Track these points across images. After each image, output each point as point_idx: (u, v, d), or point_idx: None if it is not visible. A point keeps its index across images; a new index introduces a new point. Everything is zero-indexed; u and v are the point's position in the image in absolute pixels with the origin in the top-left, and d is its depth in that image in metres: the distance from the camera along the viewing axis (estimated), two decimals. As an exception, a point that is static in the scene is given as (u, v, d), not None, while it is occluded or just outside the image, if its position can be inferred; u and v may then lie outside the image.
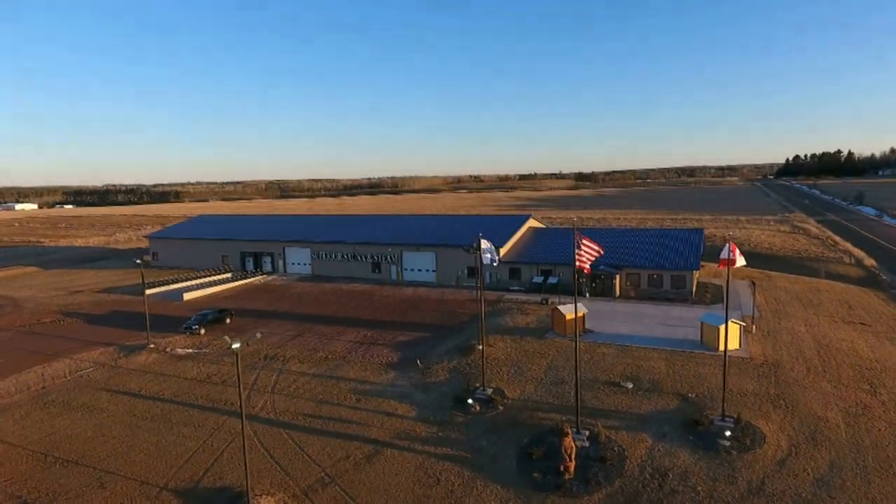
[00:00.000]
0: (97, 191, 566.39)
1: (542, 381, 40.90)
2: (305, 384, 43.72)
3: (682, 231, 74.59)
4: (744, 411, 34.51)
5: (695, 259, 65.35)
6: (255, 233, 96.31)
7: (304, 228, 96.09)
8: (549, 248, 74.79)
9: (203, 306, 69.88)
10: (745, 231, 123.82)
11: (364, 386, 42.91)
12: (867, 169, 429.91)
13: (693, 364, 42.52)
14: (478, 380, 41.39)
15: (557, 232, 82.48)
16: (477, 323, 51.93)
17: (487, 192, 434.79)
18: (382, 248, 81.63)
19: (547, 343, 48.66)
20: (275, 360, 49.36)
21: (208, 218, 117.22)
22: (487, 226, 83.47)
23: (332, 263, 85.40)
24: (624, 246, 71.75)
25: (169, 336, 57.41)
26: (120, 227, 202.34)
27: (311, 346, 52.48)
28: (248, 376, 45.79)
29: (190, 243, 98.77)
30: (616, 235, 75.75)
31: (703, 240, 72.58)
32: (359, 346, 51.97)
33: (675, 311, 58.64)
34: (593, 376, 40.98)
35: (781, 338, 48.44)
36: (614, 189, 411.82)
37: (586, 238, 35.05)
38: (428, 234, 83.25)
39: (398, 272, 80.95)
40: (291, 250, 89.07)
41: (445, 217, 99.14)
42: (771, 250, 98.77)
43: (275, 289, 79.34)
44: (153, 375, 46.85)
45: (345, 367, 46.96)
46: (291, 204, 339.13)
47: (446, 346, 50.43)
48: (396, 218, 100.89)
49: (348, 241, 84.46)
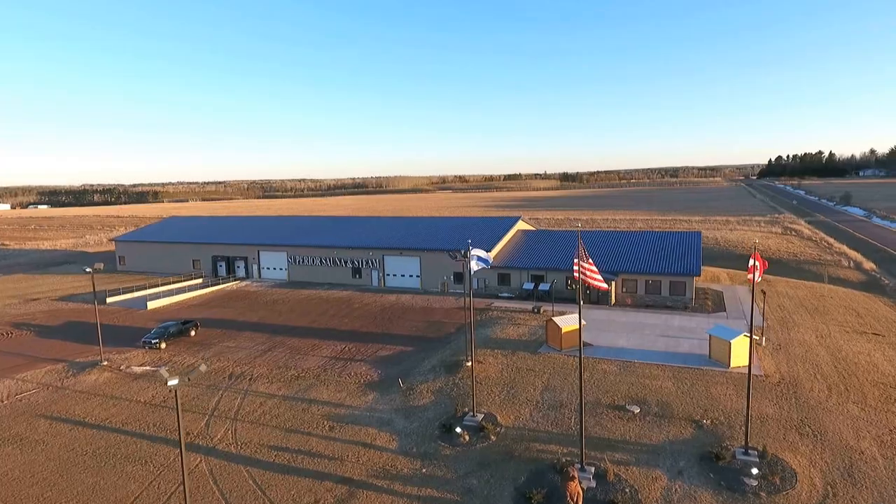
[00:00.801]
0: (73, 191, 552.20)
1: (539, 405, 36.63)
2: (273, 408, 39.00)
3: (680, 234, 70.90)
4: (767, 441, 30.56)
5: (695, 264, 61.63)
6: (227, 236, 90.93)
7: (280, 231, 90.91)
8: (539, 253, 70.66)
9: (168, 316, 64.74)
10: (737, 233, 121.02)
11: (339, 410, 38.29)
12: (848, 169, 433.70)
13: (703, 383, 38.55)
14: (466, 403, 37.05)
15: (548, 235, 78.36)
16: (464, 334, 47.67)
17: (473, 193, 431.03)
18: (363, 252, 76.91)
19: (542, 359, 44.43)
20: (241, 380, 44.50)
21: (180, 220, 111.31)
22: (474, 228, 79.17)
23: (310, 269, 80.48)
24: (619, 250, 67.89)
25: (126, 351, 52.22)
26: (91, 229, 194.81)
27: (282, 363, 47.68)
28: (210, 399, 40.95)
29: (159, 247, 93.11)
30: (610, 239, 71.87)
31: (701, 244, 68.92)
32: (335, 363, 47.31)
33: (676, 320, 54.80)
34: (595, 398, 36.82)
35: (794, 351, 44.74)
36: (600, 189, 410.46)
37: (590, 261, 30.94)
38: (411, 237, 78.71)
39: (380, 278, 76.30)
40: (266, 254, 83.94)
41: (430, 219, 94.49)
42: (766, 253, 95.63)
43: (247, 296, 74.23)
44: (102, 399, 41.73)
45: (319, 387, 42.29)
46: (273, 204, 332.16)
47: (431, 361, 45.97)
48: (378, 220, 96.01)
49: (326, 245, 79.56)
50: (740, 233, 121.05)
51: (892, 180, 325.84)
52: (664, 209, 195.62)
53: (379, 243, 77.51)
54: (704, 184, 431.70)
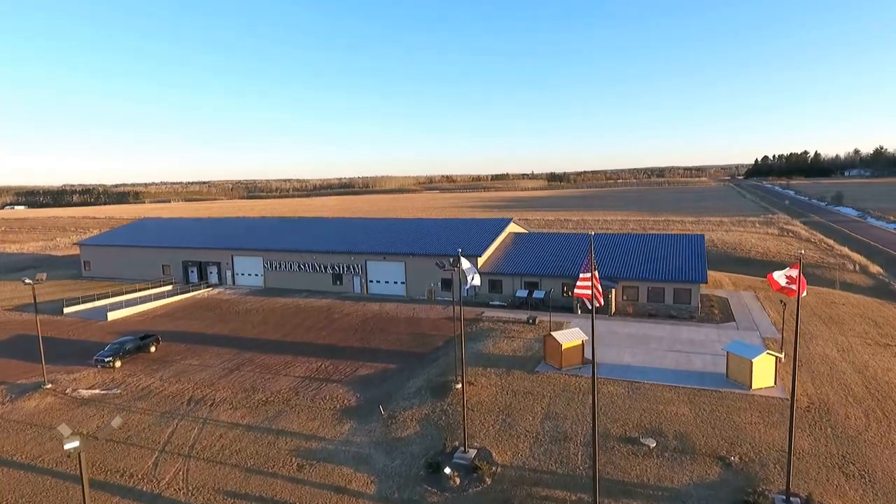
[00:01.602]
0: (51, 191, 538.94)
1: (540, 438, 31.91)
2: (235, 441, 33.93)
3: (682, 237, 66.60)
4: (809, 484, 26.13)
5: (700, 270, 57.35)
6: (199, 239, 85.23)
7: (256, 234, 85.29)
8: (533, 257, 66.05)
9: (131, 327, 59.32)
10: (733, 234, 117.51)
11: (311, 444, 33.31)
12: (834, 170, 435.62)
13: (724, 409, 34.09)
14: (457, 434, 32.29)
15: (542, 238, 73.69)
16: (453, 349, 42.98)
17: (460, 193, 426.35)
18: (344, 256, 71.79)
19: (540, 379, 39.73)
20: (201, 405, 39.33)
21: (150, 222, 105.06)
22: (463, 231, 74.42)
23: (287, 275, 75.20)
24: (618, 255, 63.49)
25: (76, 370, 46.78)
26: (64, 231, 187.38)
27: (249, 384, 42.53)
28: (163, 430, 35.79)
29: (126, 251, 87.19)
30: (608, 243, 67.45)
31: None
32: (309, 384, 42.26)
33: (684, 332, 50.42)
34: (604, 428, 32.17)
35: (817, 368, 40.51)
36: (588, 189, 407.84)
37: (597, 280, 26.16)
38: (396, 241, 73.71)
39: (362, 284, 71.25)
40: (241, 259, 78.50)
41: (416, 221, 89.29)
42: (766, 256, 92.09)
43: (219, 305, 68.79)
44: (38, 431, 36.37)
45: (288, 414, 37.26)
46: (256, 205, 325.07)
47: (417, 382, 41.11)
48: (361, 222, 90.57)
49: (305, 249, 74.28)
50: (736, 234, 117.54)
51: (878, 180, 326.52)
52: (655, 209, 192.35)
53: (361, 247, 72.44)
54: (692, 184, 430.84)
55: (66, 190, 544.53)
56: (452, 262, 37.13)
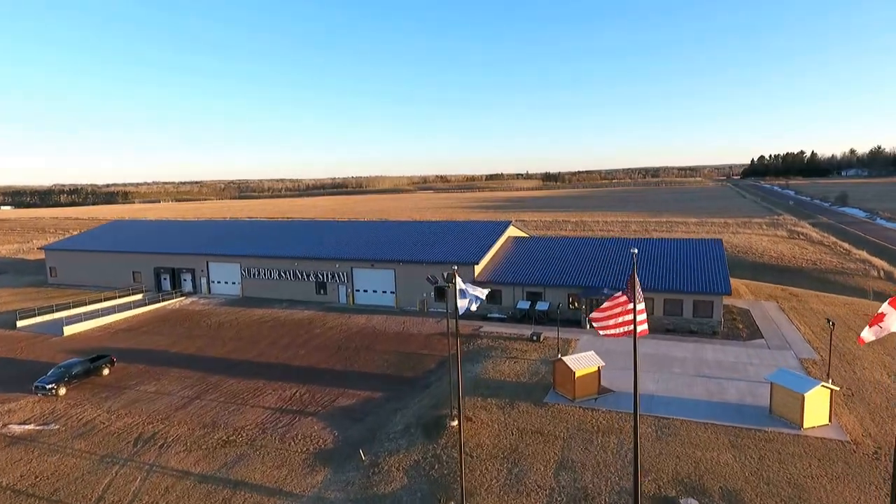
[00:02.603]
0: (39, 191, 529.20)
1: (555, 496, 26.00)
2: (182, 497, 27.85)
3: (699, 242, 60.93)
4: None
5: (722, 280, 51.65)
6: (173, 244, 78.80)
7: (234, 238, 78.90)
8: (535, 264, 60.19)
9: (89, 344, 53.27)
10: (740, 236, 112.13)
11: (274, 501, 27.27)
12: (830, 169, 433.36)
13: (775, 456, 28.28)
14: (452, 491, 26.36)
15: (544, 243, 67.75)
16: (447, 373, 37.15)
17: (455, 193, 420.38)
18: (328, 263, 65.65)
19: (551, 414, 33.85)
20: (150, 446, 33.20)
21: (123, 224, 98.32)
22: (458, 235, 68.47)
23: (266, 283, 69.03)
24: (629, 262, 57.70)
25: (13, 399, 40.57)
26: (44, 233, 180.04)
27: (210, 418, 36.45)
28: (100, 478, 29.67)
29: (94, 257, 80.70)
30: (617, 248, 61.72)
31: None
32: (280, 417, 36.21)
33: (708, 351, 44.68)
34: (631, 482, 26.27)
35: (872, 399, 34.83)
36: (584, 189, 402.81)
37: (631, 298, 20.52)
38: (386, 246, 67.65)
39: (348, 294, 65.16)
40: (217, 266, 72.25)
41: (408, 224, 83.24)
42: (781, 260, 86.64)
43: (189, 317, 62.53)
44: (-54, 482, 30.14)
45: (252, 459, 31.18)
46: (246, 205, 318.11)
47: (405, 417, 35.15)
48: (348, 225, 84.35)
49: (286, 255, 68.12)
50: (744, 237, 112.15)
51: (876, 180, 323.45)
52: (655, 210, 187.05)
53: (347, 253, 66.33)
54: (689, 184, 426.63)
55: (53, 190, 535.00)
56: (447, 278, 31.33)
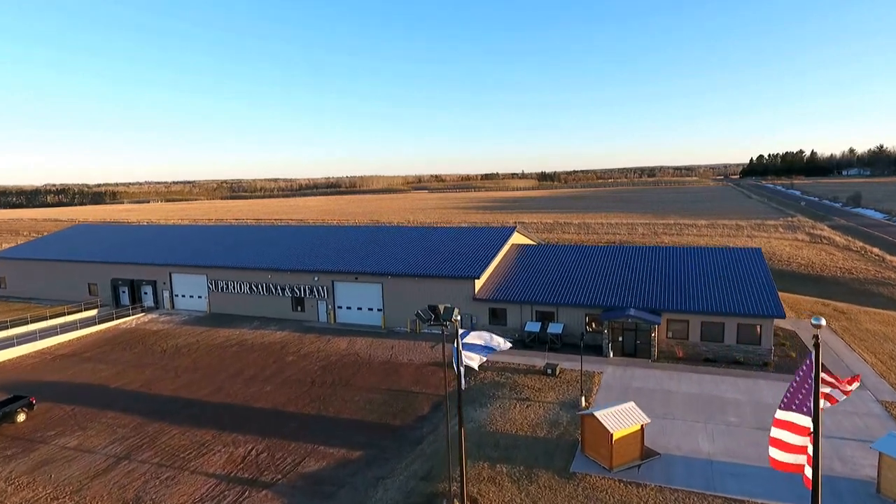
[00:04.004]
0: (25, 191, 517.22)
1: None
2: None
3: (735, 252, 52.65)
4: None
5: (771, 299, 43.35)
6: (134, 252, 69.87)
7: (202, 246, 69.84)
8: (545, 278, 51.84)
9: (16, 375, 44.63)
10: (758, 241, 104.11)
11: None
12: (831, 168, 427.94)
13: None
14: None
15: (555, 252, 58.93)
16: (443, 420, 28.94)
17: (450, 193, 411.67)
18: (307, 276, 57.10)
19: (582, 489, 25.47)
20: (44, 539, 24.65)
21: (86, 229, 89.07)
22: (455, 243, 60.02)
23: (236, 298, 60.42)
24: (654, 275, 49.50)
25: None
26: (16, 235, 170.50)
27: (133, 493, 27.88)
28: None
29: (49, 266, 71.80)
30: (641, 257, 53.40)
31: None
32: (225, 491, 27.69)
33: (765, 390, 36.43)
34: None
35: None
36: (582, 189, 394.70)
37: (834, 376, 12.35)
38: (372, 256, 59.11)
39: (329, 312, 56.64)
40: (181, 278, 63.57)
41: (398, 230, 74.06)
42: (811, 268, 78.65)
43: (143, 339, 53.88)
44: None
45: (176, 563, 22.71)
46: (235, 205, 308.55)
47: (390, 493, 26.71)
48: (331, 231, 75.23)
49: (259, 266, 59.47)
50: (762, 241, 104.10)
51: (879, 179, 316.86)
52: (660, 211, 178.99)
53: (328, 264, 57.75)
54: (689, 183, 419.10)
55: (40, 190, 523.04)
56: (445, 314, 23.51)
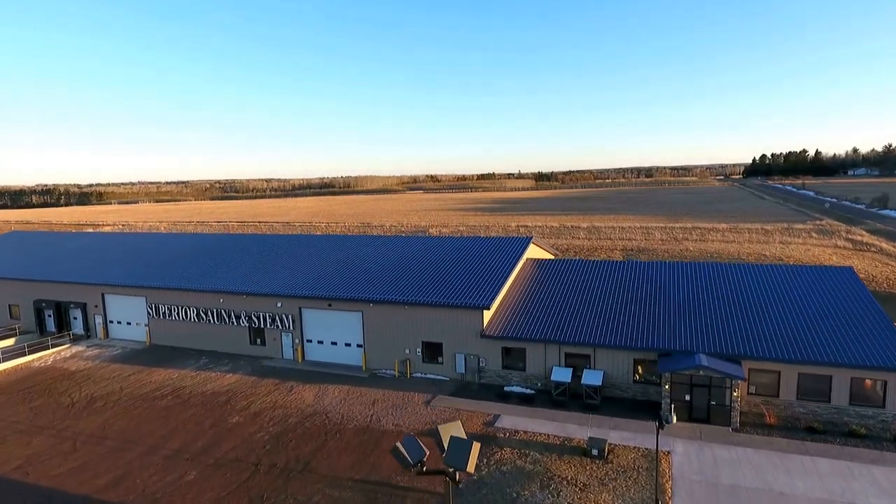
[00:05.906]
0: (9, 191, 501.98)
1: None
2: None
3: (821, 271, 40.72)
4: None
5: (892, 339, 31.57)
6: (63, 268, 57.15)
7: (145, 260, 56.58)
8: (573, 305, 39.82)
9: None
10: (795, 248, 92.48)
11: None
12: (836, 168, 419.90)
13: None
14: None
15: (579, 269, 46.25)
16: None
17: (446, 193, 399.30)
18: (268, 301, 44.94)
19: None
20: None
21: (17, 238, 75.34)
22: (457, 258, 47.60)
23: (181, 326, 48.21)
24: (726, 303, 37.61)
25: None
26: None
27: None
28: None
29: (-36, 283, 59.40)
30: (696, 277, 41.37)
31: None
32: None
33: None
34: None
35: None
36: (581, 190, 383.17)
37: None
38: (352, 277, 46.71)
39: (295, 347, 44.51)
40: (116, 300, 51.33)
41: (385, 240, 55.59)
42: (874, 283, 66.93)
43: (54, 385, 41.60)
44: None
45: None
46: (220, 206, 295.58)
47: None
48: (304, 241, 58.32)
49: (208, 288, 47.17)
50: (798, 248, 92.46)
51: (889, 179, 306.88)
52: (671, 213, 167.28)
53: (295, 287, 45.37)
54: (691, 183, 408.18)
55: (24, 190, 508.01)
56: (451, 453, 11.47)
